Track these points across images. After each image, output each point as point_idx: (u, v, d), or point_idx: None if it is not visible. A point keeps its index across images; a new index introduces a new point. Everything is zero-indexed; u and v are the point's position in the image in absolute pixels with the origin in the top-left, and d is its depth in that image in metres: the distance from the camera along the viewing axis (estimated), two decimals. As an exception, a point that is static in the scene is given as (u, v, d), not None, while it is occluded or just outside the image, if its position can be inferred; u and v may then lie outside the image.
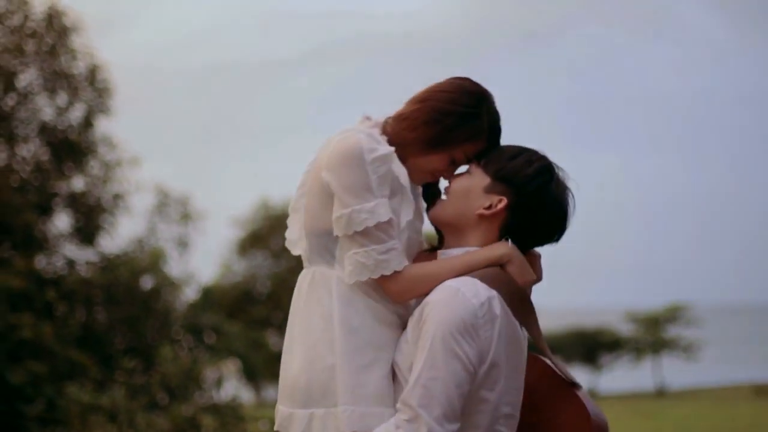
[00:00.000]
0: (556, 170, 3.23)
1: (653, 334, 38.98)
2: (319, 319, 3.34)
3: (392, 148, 3.29)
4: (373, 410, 3.16)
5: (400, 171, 3.31)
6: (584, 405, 3.09)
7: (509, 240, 3.20)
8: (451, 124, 3.23)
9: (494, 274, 3.09)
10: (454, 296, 3.03)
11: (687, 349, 38.73)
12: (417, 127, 3.29)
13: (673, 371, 39.47)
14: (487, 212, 3.19)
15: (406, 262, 3.26)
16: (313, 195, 3.35)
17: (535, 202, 3.17)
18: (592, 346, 39.65)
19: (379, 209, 3.22)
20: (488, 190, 3.19)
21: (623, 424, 24.94)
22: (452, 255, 3.22)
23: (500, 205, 3.18)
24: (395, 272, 3.21)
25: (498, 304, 3.04)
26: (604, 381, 40.24)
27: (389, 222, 3.23)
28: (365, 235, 3.23)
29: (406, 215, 3.31)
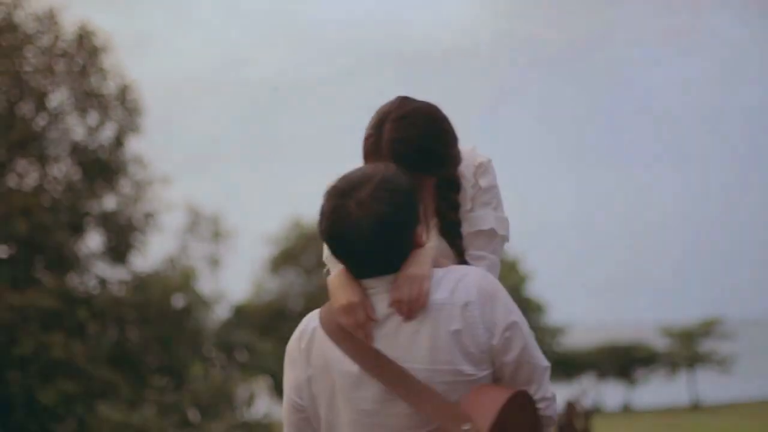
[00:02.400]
0: (336, 186, 2.93)
1: (688, 349, 38.77)
2: None
3: None
4: None
5: None
6: None
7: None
8: (363, 148, 3.18)
9: (327, 303, 3.04)
10: None
11: (722, 363, 38.50)
12: None
13: (707, 385, 39.23)
14: None
15: None
16: None
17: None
18: (627, 360, 39.49)
19: None
20: None
21: (658, 439, 24.81)
22: None
23: None
24: None
25: (307, 337, 2.98)
26: (639, 395, 40.05)
27: None
28: None
29: None
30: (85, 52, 17.14)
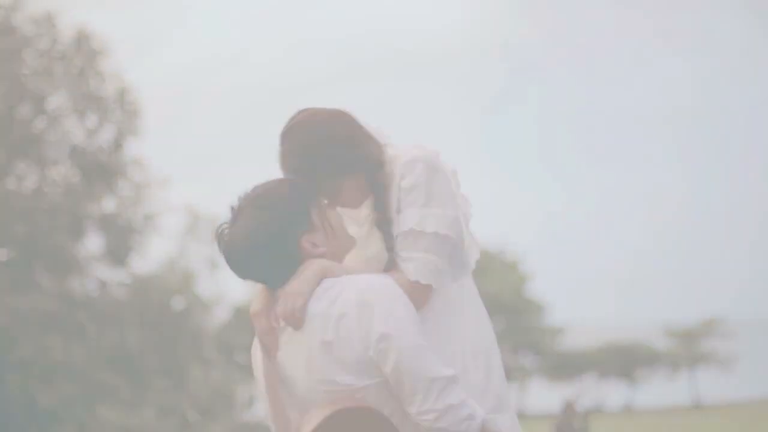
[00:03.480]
0: (232, 205, 3.03)
1: (689, 349, 38.82)
2: None
3: None
4: None
5: None
6: None
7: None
8: None
9: None
10: None
11: (722, 363, 38.54)
12: None
13: (708, 385, 39.26)
14: None
15: None
16: None
17: None
18: (628, 360, 39.53)
19: None
20: None
21: (659, 438, 24.79)
22: None
23: None
24: None
25: (255, 342, 3.08)
26: (640, 395, 40.07)
27: None
28: None
29: None
30: (83, 54, 17.14)
